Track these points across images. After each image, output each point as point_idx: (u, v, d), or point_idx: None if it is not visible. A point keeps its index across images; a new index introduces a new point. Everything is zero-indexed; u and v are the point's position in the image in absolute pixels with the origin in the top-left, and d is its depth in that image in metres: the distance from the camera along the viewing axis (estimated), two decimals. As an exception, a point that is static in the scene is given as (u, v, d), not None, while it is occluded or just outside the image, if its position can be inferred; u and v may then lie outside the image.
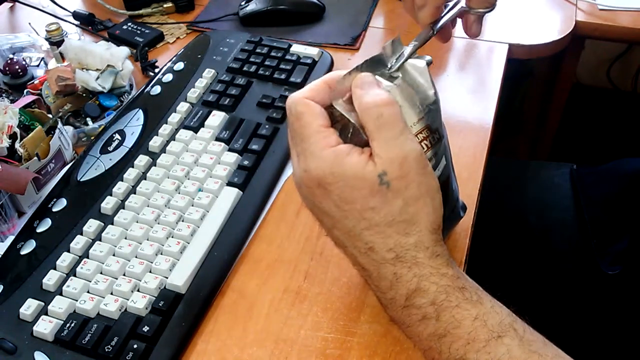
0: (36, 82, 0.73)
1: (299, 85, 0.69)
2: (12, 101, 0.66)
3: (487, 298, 0.38)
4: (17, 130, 0.60)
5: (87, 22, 0.86)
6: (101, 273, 0.51)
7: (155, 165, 0.60)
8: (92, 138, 0.66)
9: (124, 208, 0.56)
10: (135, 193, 0.58)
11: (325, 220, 0.41)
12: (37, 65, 0.79)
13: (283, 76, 0.70)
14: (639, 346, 0.67)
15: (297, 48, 0.74)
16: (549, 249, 0.75)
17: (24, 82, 0.75)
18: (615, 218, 0.76)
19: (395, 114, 0.38)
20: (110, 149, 0.62)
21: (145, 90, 0.69)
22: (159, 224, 0.55)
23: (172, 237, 0.54)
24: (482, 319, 0.37)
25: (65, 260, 0.52)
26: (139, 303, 0.49)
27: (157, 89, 0.69)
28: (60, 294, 0.50)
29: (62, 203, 0.57)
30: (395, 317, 0.40)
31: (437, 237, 0.39)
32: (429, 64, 0.41)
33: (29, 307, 0.49)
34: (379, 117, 0.37)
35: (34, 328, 0.48)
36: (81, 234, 0.54)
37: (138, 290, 0.50)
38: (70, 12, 0.88)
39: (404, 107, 0.39)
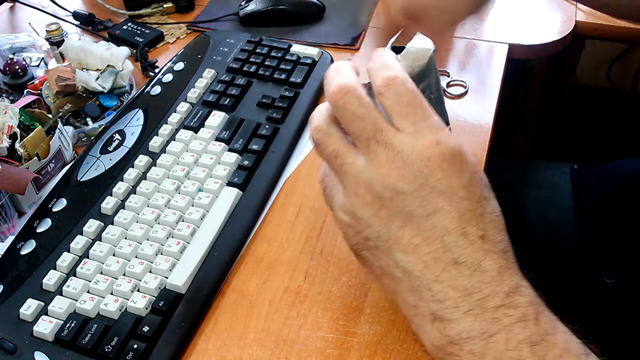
0: (36, 82, 0.73)
1: (299, 86, 0.69)
2: (12, 101, 0.66)
3: None
4: (17, 130, 0.60)
5: (87, 22, 0.86)
6: (101, 273, 0.51)
7: (155, 165, 0.60)
8: (92, 138, 0.66)
9: (124, 208, 0.56)
10: (135, 193, 0.58)
11: (437, 201, 0.34)
12: (37, 65, 0.79)
13: (283, 76, 0.70)
14: (636, 352, 0.67)
15: (297, 48, 0.74)
16: (549, 249, 0.75)
17: (24, 82, 0.75)
18: (616, 218, 0.76)
19: None
20: (110, 149, 0.62)
21: (146, 90, 0.69)
22: (159, 224, 0.55)
23: (172, 237, 0.54)
24: (569, 332, 0.34)
25: (65, 260, 0.52)
26: (139, 303, 0.49)
27: (157, 89, 0.69)
28: (60, 294, 0.50)
29: (62, 203, 0.57)
30: (463, 327, 0.33)
31: None
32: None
33: (29, 307, 0.49)
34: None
35: (34, 328, 0.48)
36: (81, 234, 0.54)
37: (138, 290, 0.50)
38: (70, 12, 0.88)
39: None
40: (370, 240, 0.37)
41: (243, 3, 0.85)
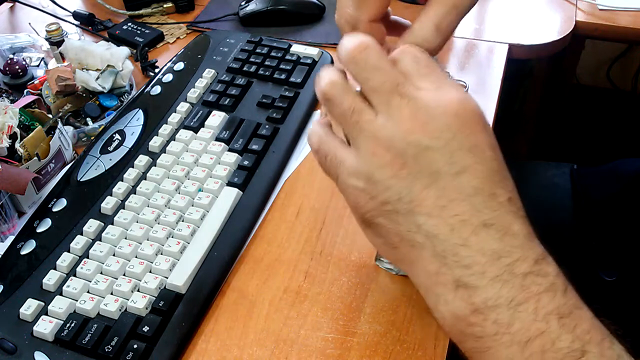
0: (36, 82, 0.73)
1: (299, 86, 0.69)
2: (12, 101, 0.66)
3: None
4: (17, 130, 0.60)
5: (87, 22, 0.86)
6: (101, 273, 0.51)
7: (155, 165, 0.60)
8: (92, 138, 0.66)
9: (124, 208, 0.56)
10: (135, 193, 0.58)
11: (466, 158, 0.33)
12: (37, 65, 0.79)
13: (283, 76, 0.70)
14: (637, 351, 0.67)
15: (297, 48, 0.74)
16: (548, 249, 0.75)
17: (24, 82, 0.75)
18: (616, 218, 0.76)
19: None
20: (110, 149, 0.62)
21: (146, 90, 0.69)
22: (159, 224, 0.55)
23: (172, 237, 0.54)
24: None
25: (65, 260, 0.52)
26: (139, 303, 0.49)
27: (157, 89, 0.69)
28: (60, 294, 0.50)
29: (62, 203, 0.57)
30: (490, 295, 0.31)
31: None
32: None
33: (29, 307, 0.49)
34: None
35: (34, 328, 0.48)
36: (81, 234, 0.54)
37: (138, 290, 0.50)
38: (70, 12, 0.88)
39: None
40: (389, 203, 0.34)
41: (243, 3, 0.85)
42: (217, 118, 0.65)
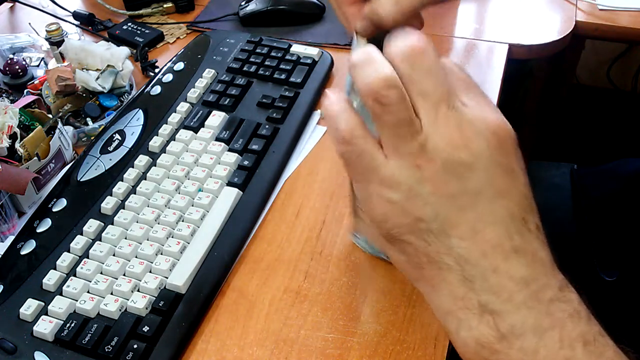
0: (36, 82, 0.73)
1: (299, 86, 0.69)
2: (12, 101, 0.66)
3: None
4: (17, 130, 0.60)
5: (87, 22, 0.86)
6: (101, 273, 0.51)
7: (155, 165, 0.60)
8: (92, 138, 0.66)
9: (124, 208, 0.56)
10: (135, 193, 0.58)
11: (504, 181, 0.32)
12: (37, 65, 0.79)
13: (283, 76, 0.70)
14: (638, 351, 0.67)
15: (297, 48, 0.74)
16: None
17: (24, 82, 0.75)
18: (616, 218, 0.76)
19: None
20: (110, 149, 0.62)
21: (145, 90, 0.69)
22: (159, 224, 0.55)
23: (172, 237, 0.54)
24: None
25: (65, 260, 0.52)
26: (139, 303, 0.49)
27: (157, 89, 0.69)
28: (60, 294, 0.50)
29: (62, 203, 0.57)
30: (516, 321, 0.30)
31: None
32: None
33: (29, 307, 0.49)
34: None
35: (34, 328, 0.48)
36: (81, 234, 0.54)
37: (138, 290, 0.50)
38: (70, 12, 0.88)
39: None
40: (423, 222, 0.32)
41: (243, 3, 0.85)
42: (217, 118, 0.65)
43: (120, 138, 0.63)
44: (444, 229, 0.31)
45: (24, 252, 0.54)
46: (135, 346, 0.46)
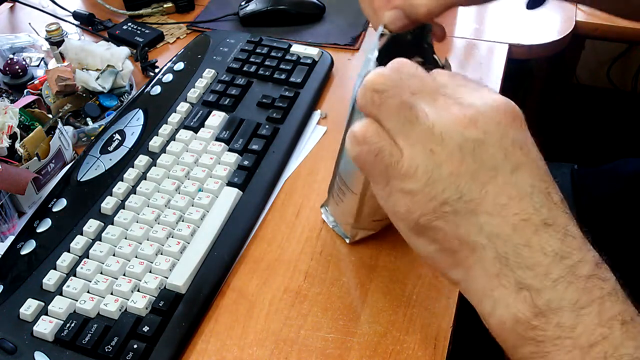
0: (36, 82, 0.73)
1: (299, 85, 0.69)
2: (12, 101, 0.66)
3: None
4: (17, 130, 0.60)
5: (87, 22, 0.86)
6: (101, 273, 0.51)
7: (155, 165, 0.60)
8: (92, 138, 0.66)
9: (124, 208, 0.56)
10: (135, 193, 0.58)
11: (519, 154, 0.32)
12: (37, 65, 0.79)
13: (283, 76, 0.70)
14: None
15: (297, 48, 0.74)
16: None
17: (24, 82, 0.75)
18: (616, 218, 0.76)
19: None
20: (110, 149, 0.62)
21: (146, 90, 0.69)
22: (159, 224, 0.55)
23: (172, 237, 0.54)
24: None
25: (65, 260, 0.52)
26: (139, 303, 0.49)
27: (157, 89, 0.69)
28: (60, 294, 0.50)
29: (62, 203, 0.57)
30: (553, 297, 0.30)
31: None
32: None
33: (29, 307, 0.49)
34: None
35: (34, 328, 0.48)
36: (81, 234, 0.54)
37: (138, 290, 0.50)
38: (70, 12, 0.88)
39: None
40: (448, 204, 0.32)
41: (243, 3, 0.85)
42: (217, 118, 0.65)
43: (120, 138, 0.63)
44: (470, 208, 0.31)
45: (24, 252, 0.54)
46: (135, 346, 0.46)
